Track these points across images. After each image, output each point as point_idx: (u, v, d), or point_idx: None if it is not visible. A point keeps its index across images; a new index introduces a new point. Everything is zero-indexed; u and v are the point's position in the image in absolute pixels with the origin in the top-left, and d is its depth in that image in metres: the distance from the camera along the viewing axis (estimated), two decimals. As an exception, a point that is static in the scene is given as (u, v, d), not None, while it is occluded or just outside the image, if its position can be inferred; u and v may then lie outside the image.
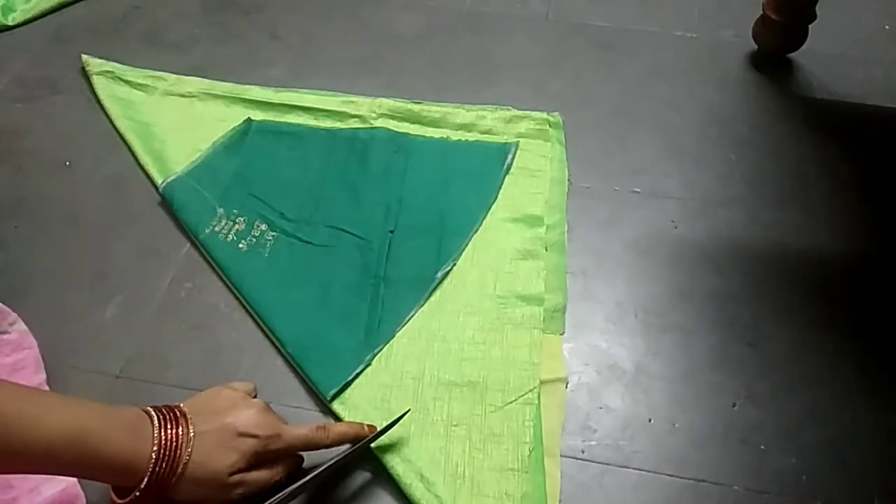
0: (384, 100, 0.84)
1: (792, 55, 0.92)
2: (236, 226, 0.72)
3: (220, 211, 0.73)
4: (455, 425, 0.59)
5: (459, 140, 0.81)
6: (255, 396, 0.59)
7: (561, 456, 0.58)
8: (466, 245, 0.71)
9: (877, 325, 0.67)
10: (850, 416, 0.60)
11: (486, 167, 0.78)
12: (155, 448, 0.47)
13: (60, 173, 0.79)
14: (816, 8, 0.86)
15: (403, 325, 0.65)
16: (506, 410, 0.60)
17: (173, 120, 0.83)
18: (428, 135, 0.81)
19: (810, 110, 0.87)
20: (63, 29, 0.96)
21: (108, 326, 0.66)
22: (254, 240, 0.71)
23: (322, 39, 0.95)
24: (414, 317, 0.66)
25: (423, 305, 0.67)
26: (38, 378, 0.61)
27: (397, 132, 0.81)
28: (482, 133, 0.82)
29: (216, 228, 0.72)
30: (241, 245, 0.71)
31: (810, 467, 0.57)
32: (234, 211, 0.74)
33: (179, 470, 0.48)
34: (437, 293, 0.68)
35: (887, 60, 0.93)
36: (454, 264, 0.69)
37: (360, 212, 0.74)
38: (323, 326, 0.65)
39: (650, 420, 0.60)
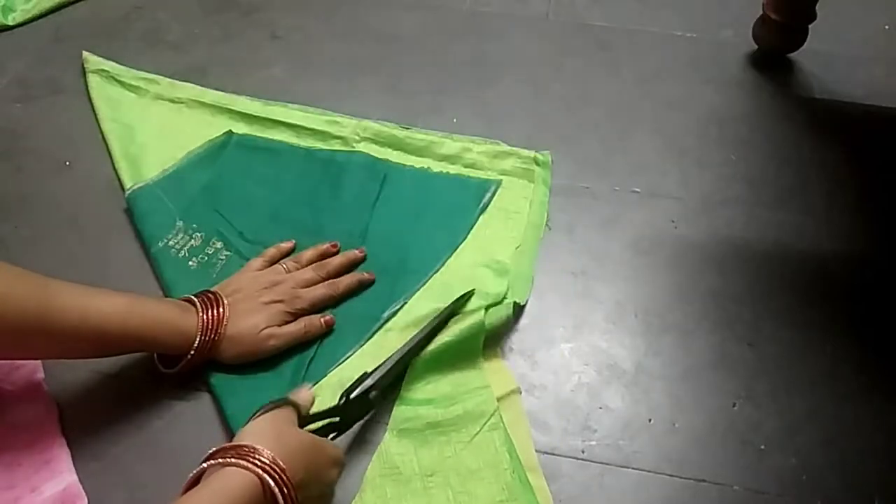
0: (370, 123, 0.81)
1: (792, 55, 0.92)
2: (192, 241, 0.70)
3: (180, 224, 0.71)
4: (430, 475, 0.56)
5: (440, 172, 0.78)
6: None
7: (561, 456, 0.58)
8: (424, 283, 0.68)
9: (876, 325, 0.67)
10: (850, 416, 0.61)
11: (462, 203, 0.74)
12: (201, 324, 0.57)
13: (60, 173, 0.79)
14: (816, 8, 0.86)
15: (337, 366, 0.62)
16: (475, 443, 0.57)
17: (158, 125, 0.82)
18: (409, 163, 0.78)
19: (810, 110, 0.87)
20: (63, 29, 0.96)
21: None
22: (205, 258, 0.69)
23: (322, 39, 0.95)
24: (350, 358, 0.62)
25: (362, 346, 0.63)
26: (37, 377, 0.61)
27: (377, 158, 0.78)
28: (465, 166, 0.78)
29: (170, 242, 0.70)
30: (191, 263, 0.69)
31: (810, 467, 0.57)
32: (194, 225, 0.71)
33: (220, 337, 0.58)
34: (380, 335, 0.64)
35: (887, 60, 0.93)
36: (404, 303, 0.66)
37: (321, 241, 0.70)
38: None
39: (650, 420, 0.60)
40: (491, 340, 0.64)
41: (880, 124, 0.85)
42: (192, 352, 0.57)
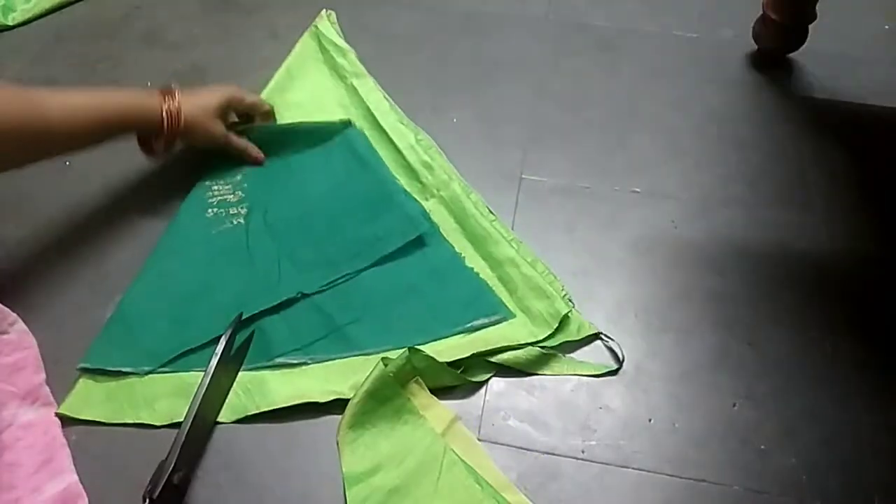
0: (454, 181, 0.75)
1: (792, 55, 0.92)
2: (230, 196, 0.75)
3: (238, 178, 0.77)
4: None
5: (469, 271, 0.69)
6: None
7: (561, 456, 0.58)
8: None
9: (877, 325, 0.67)
10: (849, 416, 0.61)
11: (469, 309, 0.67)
12: (165, 107, 0.69)
13: (60, 173, 0.79)
14: (816, 8, 0.86)
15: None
16: (441, 489, 0.55)
17: (317, 93, 0.87)
18: (455, 245, 0.71)
19: (810, 110, 0.87)
20: (63, 29, 0.96)
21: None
22: (223, 213, 0.74)
23: (322, 39, 0.95)
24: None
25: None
26: (38, 378, 0.61)
27: (424, 219, 0.72)
28: (499, 280, 0.68)
29: (214, 186, 0.76)
30: (209, 211, 0.74)
31: (810, 467, 0.58)
32: (245, 185, 0.76)
33: (182, 121, 0.70)
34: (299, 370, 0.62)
35: (887, 60, 0.93)
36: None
37: (325, 250, 0.70)
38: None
39: (650, 420, 0.60)
40: (406, 375, 0.60)
41: (880, 124, 0.85)
42: (164, 128, 0.69)
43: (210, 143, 0.75)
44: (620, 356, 0.63)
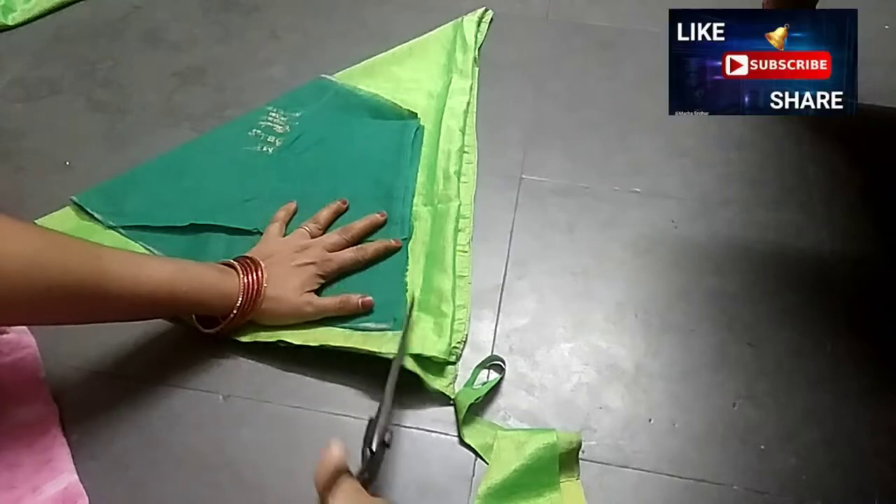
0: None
1: (792, 55, 0.92)
2: (277, 126, 0.80)
3: (298, 115, 0.81)
4: None
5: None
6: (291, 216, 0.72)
7: (561, 456, 0.58)
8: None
9: (877, 325, 0.67)
10: (850, 416, 0.61)
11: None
12: (242, 286, 0.60)
13: (60, 173, 0.79)
14: (816, 8, 0.86)
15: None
16: None
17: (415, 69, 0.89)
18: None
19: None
20: (63, 29, 0.96)
21: (108, 325, 0.66)
22: (262, 136, 0.79)
23: (322, 39, 0.95)
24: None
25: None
26: (37, 377, 0.61)
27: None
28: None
29: (272, 112, 0.81)
30: (251, 132, 0.79)
31: (810, 467, 0.58)
32: (297, 124, 0.80)
33: (261, 299, 0.61)
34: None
35: (887, 60, 0.93)
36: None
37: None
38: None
39: (650, 420, 0.60)
40: (570, 466, 0.57)
41: (880, 124, 0.85)
42: (235, 311, 0.60)
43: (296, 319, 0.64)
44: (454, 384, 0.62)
